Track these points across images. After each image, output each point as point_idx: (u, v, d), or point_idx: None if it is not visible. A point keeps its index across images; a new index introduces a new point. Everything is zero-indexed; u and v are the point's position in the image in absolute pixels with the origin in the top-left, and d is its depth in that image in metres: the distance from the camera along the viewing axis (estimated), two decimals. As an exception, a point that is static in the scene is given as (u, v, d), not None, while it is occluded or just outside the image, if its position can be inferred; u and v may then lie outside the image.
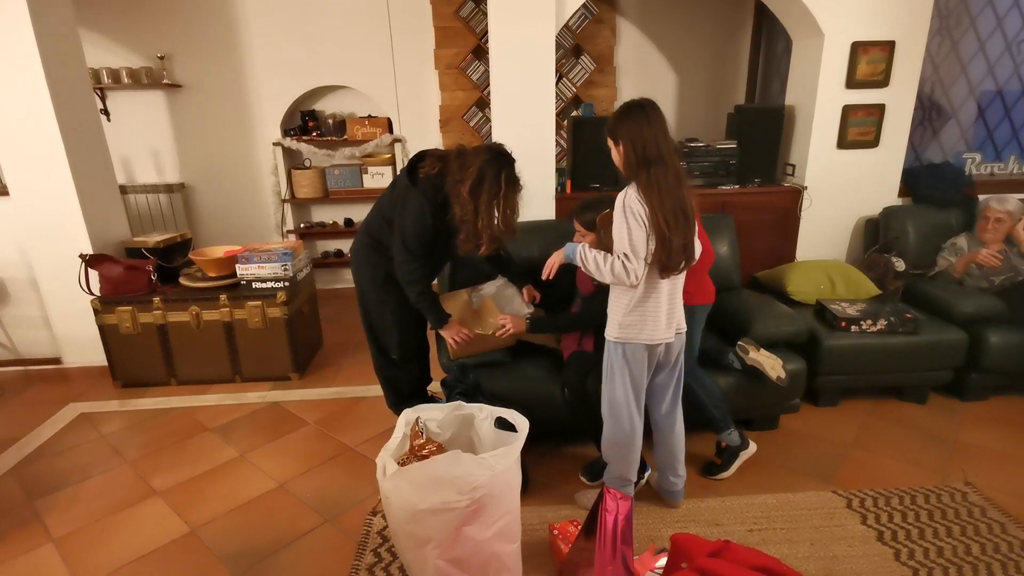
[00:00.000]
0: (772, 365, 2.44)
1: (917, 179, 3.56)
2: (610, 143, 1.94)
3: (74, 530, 2.22)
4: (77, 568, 2.03)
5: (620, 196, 1.86)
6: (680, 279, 1.97)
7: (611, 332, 2.00)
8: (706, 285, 2.34)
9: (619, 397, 2.02)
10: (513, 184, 2.25)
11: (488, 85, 4.11)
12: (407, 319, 2.52)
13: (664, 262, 1.83)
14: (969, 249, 3.14)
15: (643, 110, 1.86)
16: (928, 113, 3.76)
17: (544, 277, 2.13)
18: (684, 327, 2.04)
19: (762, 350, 2.49)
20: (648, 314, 1.92)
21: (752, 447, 2.45)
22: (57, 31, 3.08)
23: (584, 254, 1.94)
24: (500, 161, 2.22)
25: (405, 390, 2.66)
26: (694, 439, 2.56)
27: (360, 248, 2.49)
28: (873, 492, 2.28)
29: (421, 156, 2.34)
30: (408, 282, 2.35)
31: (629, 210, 1.82)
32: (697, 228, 1.95)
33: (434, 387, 2.99)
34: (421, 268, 2.33)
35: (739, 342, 2.51)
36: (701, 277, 2.29)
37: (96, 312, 3.20)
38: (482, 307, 2.49)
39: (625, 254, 1.83)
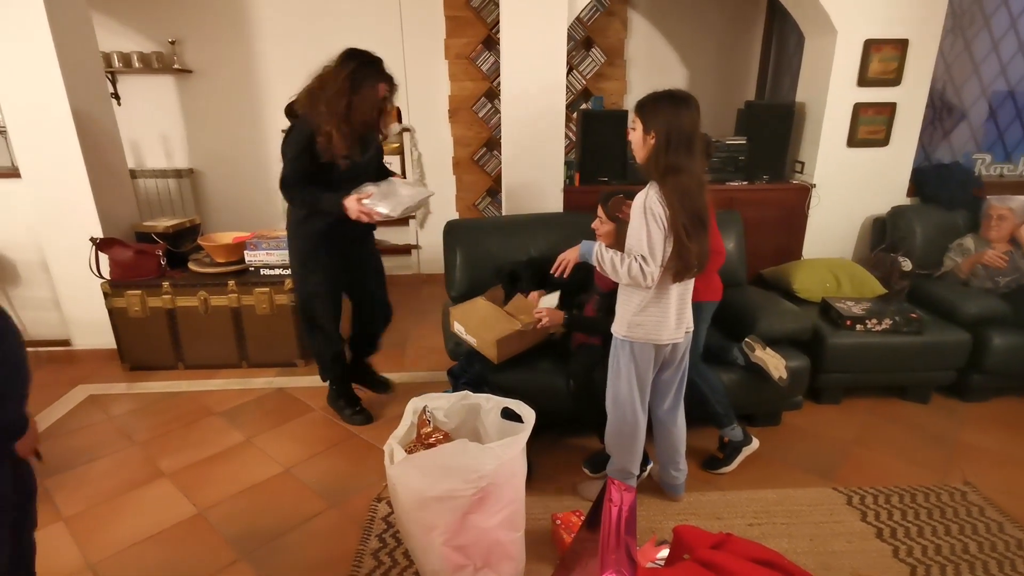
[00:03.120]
0: (775, 365, 2.45)
1: (926, 179, 3.55)
2: (637, 125, 1.85)
3: (84, 509, 2.26)
4: (87, 547, 2.07)
5: (641, 195, 1.84)
6: (691, 280, 1.97)
7: (619, 330, 2.00)
8: (714, 283, 2.35)
9: (624, 393, 2.04)
10: (366, 70, 2.26)
11: (498, 76, 4.11)
12: (329, 289, 2.58)
13: (679, 269, 1.83)
14: (976, 250, 3.14)
15: (686, 104, 1.79)
16: (939, 113, 3.74)
17: (556, 274, 2.13)
18: (692, 327, 2.04)
19: (767, 348, 2.50)
20: (658, 315, 1.92)
21: (754, 443, 2.47)
22: (70, 15, 3.09)
23: (601, 254, 1.92)
24: (348, 58, 2.26)
25: (326, 357, 2.73)
26: (696, 433, 2.57)
27: (287, 223, 2.56)
28: (873, 490, 2.30)
29: (290, 105, 2.42)
30: (291, 199, 2.40)
31: (650, 212, 1.79)
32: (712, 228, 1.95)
33: (423, 376, 3.04)
34: (300, 191, 2.36)
35: (745, 339, 2.52)
36: (710, 275, 2.31)
37: (106, 295, 3.22)
38: (515, 305, 2.48)
39: (643, 256, 1.81)
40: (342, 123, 2.25)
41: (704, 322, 2.38)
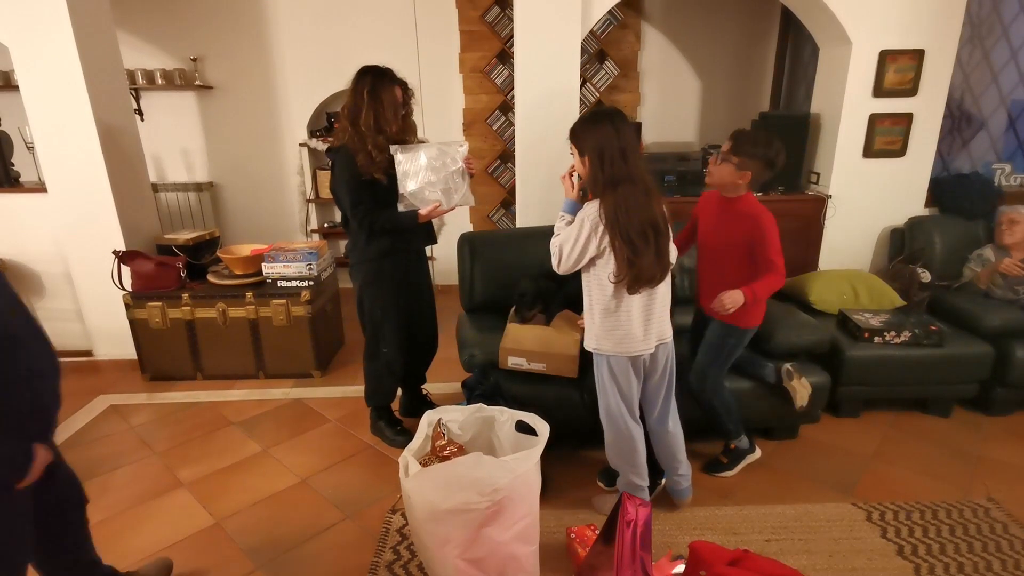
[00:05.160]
0: (803, 395, 2.42)
1: (945, 189, 3.51)
2: (573, 151, 1.92)
3: (105, 518, 2.29)
4: (107, 555, 2.06)
5: (585, 207, 1.89)
6: (658, 291, 1.95)
7: (589, 342, 2.03)
8: (759, 306, 2.25)
9: (612, 407, 2.06)
10: (381, 78, 2.33)
11: (512, 89, 4.14)
12: (396, 314, 2.59)
13: (631, 281, 1.84)
14: (996, 259, 3.10)
15: (610, 119, 1.83)
16: (957, 122, 3.70)
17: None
18: (668, 337, 2.04)
19: (803, 379, 2.44)
20: (621, 326, 1.94)
21: (757, 452, 2.49)
22: (96, 34, 3.18)
23: (563, 215, 2.00)
24: (362, 74, 2.34)
25: (385, 386, 2.72)
26: (707, 441, 2.59)
27: (349, 249, 2.59)
28: (894, 505, 2.26)
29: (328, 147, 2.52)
30: (375, 233, 2.42)
31: (580, 223, 1.88)
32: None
33: (438, 388, 3.08)
34: (377, 215, 2.39)
35: (788, 365, 2.44)
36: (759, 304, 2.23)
37: (127, 307, 3.29)
38: (560, 319, 2.48)
39: (560, 249, 1.92)
40: (376, 136, 2.32)
41: (741, 347, 2.33)
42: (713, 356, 2.31)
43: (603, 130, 1.82)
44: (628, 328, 1.93)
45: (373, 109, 2.31)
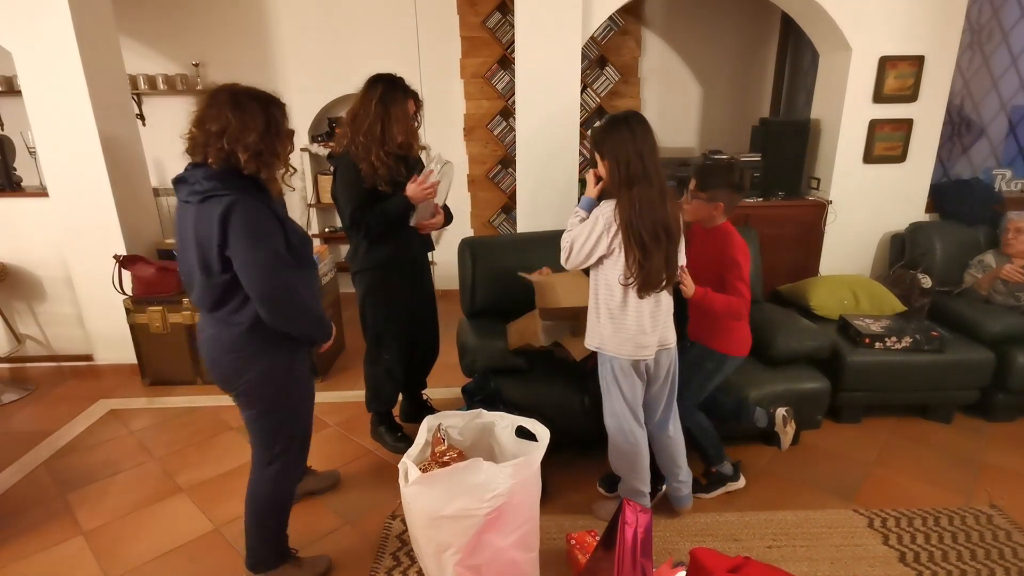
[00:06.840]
0: (787, 442, 2.39)
1: (945, 195, 3.52)
2: (596, 157, 1.96)
3: (104, 523, 2.29)
4: (106, 561, 2.09)
5: (600, 206, 1.91)
6: (663, 295, 1.96)
7: (591, 342, 2.04)
8: (740, 334, 2.24)
9: (616, 409, 2.06)
10: (393, 89, 2.31)
11: (513, 95, 4.15)
12: (397, 322, 2.58)
13: (640, 284, 1.85)
14: (996, 265, 3.10)
15: (628, 124, 1.86)
16: (957, 128, 3.71)
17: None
18: (671, 342, 2.03)
19: (792, 422, 2.39)
20: (626, 328, 1.94)
21: (741, 481, 2.41)
22: (99, 40, 3.19)
23: (578, 211, 2.01)
24: (374, 82, 2.33)
25: (385, 392, 2.70)
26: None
27: (349, 256, 2.58)
28: (896, 512, 2.26)
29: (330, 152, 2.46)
30: (374, 237, 2.40)
31: (595, 221, 1.89)
32: (682, 245, 1.96)
33: (439, 393, 3.07)
34: (370, 217, 2.36)
35: (786, 409, 2.37)
36: (738, 325, 2.22)
37: (128, 311, 3.29)
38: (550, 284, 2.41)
39: (571, 245, 1.94)
40: (381, 149, 2.30)
41: (720, 375, 2.30)
42: (687, 377, 2.24)
43: (621, 134, 1.85)
44: (632, 331, 1.94)
45: (381, 120, 2.29)
